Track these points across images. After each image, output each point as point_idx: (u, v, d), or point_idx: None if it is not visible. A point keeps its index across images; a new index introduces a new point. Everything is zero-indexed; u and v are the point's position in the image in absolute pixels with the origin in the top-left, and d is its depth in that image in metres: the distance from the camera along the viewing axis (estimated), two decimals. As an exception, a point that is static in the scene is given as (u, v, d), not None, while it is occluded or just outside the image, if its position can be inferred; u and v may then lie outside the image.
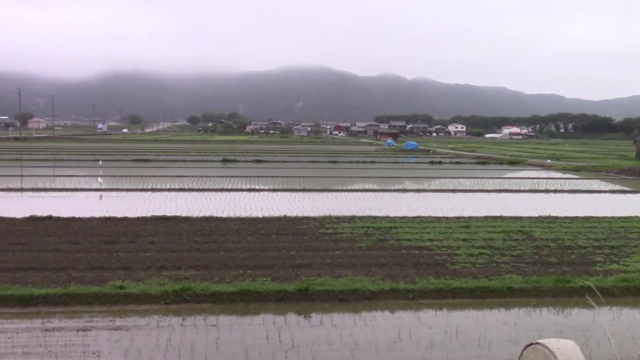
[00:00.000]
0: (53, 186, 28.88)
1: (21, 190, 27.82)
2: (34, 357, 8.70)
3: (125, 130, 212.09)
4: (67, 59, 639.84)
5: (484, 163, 57.28)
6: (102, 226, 17.40)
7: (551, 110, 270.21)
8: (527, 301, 11.57)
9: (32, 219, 18.41)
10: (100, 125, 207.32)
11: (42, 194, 26.29)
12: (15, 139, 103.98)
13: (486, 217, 20.26)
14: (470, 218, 20.00)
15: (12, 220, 18.08)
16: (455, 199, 26.65)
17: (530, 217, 20.57)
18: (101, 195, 25.76)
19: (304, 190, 29.06)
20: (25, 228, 16.91)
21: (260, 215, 20.16)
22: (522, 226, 18.52)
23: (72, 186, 28.63)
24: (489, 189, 31.40)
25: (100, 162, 45.42)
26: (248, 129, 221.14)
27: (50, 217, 18.61)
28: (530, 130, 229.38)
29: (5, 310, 10.38)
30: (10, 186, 28.66)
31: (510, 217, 20.43)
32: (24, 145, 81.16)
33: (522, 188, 31.99)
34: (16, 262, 13.09)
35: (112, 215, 19.24)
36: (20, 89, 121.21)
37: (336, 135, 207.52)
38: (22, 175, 34.47)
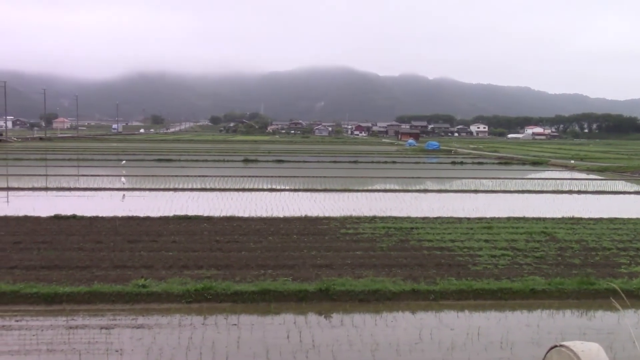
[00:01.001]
0: (77, 185, 29.23)
1: (46, 189, 28.24)
2: (58, 354, 8.82)
3: (142, 130, 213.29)
4: (91, 60, 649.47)
5: (506, 163, 56.71)
6: (125, 225, 17.57)
7: (575, 110, 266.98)
8: (550, 303, 11.43)
9: (57, 217, 18.65)
10: (114, 126, 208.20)
11: (67, 193, 26.65)
12: (41, 138, 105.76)
13: (508, 218, 20.07)
14: (492, 219, 19.83)
15: (37, 219, 18.34)
16: (477, 200, 26.45)
17: (553, 218, 20.32)
18: (124, 195, 26.02)
19: (325, 190, 29.06)
20: (50, 227, 17.15)
21: (281, 215, 20.19)
22: (545, 227, 18.30)
23: (95, 185, 28.97)
24: (512, 189, 31.09)
25: (124, 162, 45.87)
26: (269, 129, 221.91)
27: (74, 216, 18.84)
28: (553, 130, 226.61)
29: (30, 308, 10.54)
30: (36, 185, 29.09)
31: (533, 218, 20.18)
32: (48, 145, 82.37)
33: (545, 189, 31.64)
34: (41, 260, 13.28)
35: (134, 215, 19.42)
36: (45, 90, 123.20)
37: (357, 135, 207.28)
38: (47, 175, 34.99)
